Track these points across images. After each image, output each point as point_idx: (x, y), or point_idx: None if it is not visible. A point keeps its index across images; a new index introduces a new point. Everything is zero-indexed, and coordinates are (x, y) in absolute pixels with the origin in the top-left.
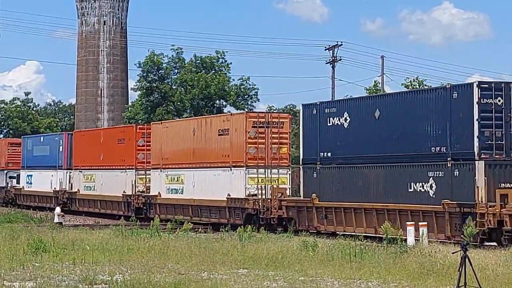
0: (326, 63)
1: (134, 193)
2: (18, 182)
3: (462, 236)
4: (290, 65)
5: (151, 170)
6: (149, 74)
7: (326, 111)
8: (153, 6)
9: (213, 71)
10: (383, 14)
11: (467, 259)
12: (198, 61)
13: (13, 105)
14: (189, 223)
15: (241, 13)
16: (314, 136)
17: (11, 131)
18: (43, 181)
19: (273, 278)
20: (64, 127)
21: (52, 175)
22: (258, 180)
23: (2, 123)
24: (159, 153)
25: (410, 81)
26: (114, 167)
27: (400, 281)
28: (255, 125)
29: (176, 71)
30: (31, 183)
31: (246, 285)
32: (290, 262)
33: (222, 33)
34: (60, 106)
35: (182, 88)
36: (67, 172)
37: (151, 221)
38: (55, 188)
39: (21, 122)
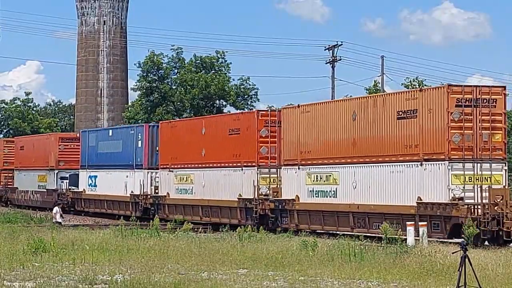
0: (326, 63)
1: (256, 196)
2: (74, 185)
3: None
4: (290, 65)
5: (283, 167)
6: (149, 74)
7: None
8: (153, 6)
9: (213, 71)
10: (383, 14)
11: (467, 259)
12: (198, 61)
13: (13, 105)
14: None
15: (241, 13)
16: None
17: (11, 131)
18: (113, 184)
19: (273, 278)
20: (64, 127)
21: (127, 176)
22: (465, 178)
23: (2, 123)
24: (296, 146)
25: (410, 81)
26: (223, 165)
27: (400, 281)
28: (459, 103)
29: (176, 71)
30: (95, 186)
31: (246, 285)
32: (290, 262)
33: (222, 33)
34: (60, 106)
35: (182, 88)
36: (148, 172)
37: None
38: (132, 192)
39: (21, 122)
